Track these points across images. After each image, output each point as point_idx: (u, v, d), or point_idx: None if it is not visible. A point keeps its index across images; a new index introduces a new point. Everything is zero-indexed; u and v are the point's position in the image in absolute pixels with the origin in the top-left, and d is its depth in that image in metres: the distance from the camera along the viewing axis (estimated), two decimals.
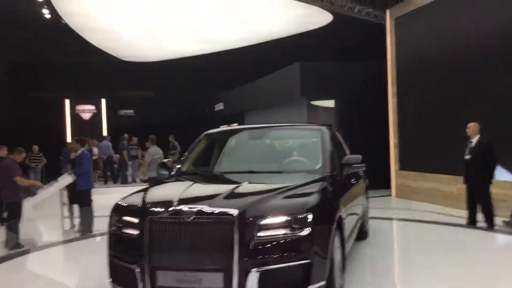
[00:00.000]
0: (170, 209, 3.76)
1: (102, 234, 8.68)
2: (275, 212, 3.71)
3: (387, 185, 12.56)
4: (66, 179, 8.41)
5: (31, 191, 10.44)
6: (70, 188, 8.99)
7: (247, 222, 3.61)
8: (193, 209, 3.69)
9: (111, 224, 4.13)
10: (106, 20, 13.49)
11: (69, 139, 19.73)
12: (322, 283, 3.74)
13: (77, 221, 9.12)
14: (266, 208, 3.74)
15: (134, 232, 3.87)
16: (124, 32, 14.45)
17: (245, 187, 4.22)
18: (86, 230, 8.74)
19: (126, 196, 4.42)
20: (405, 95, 12.18)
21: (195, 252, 3.60)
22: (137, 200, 4.14)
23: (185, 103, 24.32)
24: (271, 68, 16.34)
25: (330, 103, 14.15)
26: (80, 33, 14.93)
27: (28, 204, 8.04)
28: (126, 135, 17.62)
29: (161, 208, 3.85)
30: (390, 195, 12.46)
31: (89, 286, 5.47)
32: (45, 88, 22.12)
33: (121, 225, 4.02)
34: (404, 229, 8.48)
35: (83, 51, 21.29)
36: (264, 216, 3.65)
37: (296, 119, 14.11)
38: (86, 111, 20.87)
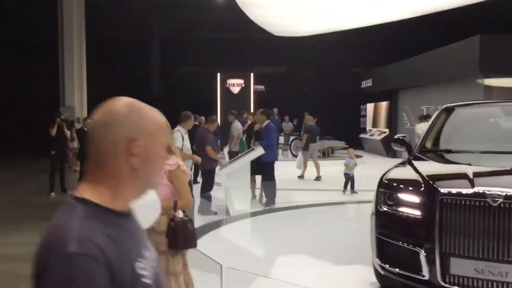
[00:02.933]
0: (470, 191, 3.34)
1: (283, 208, 8.68)
2: None
3: None
4: (257, 151, 8.44)
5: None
6: (253, 160, 9.07)
7: None
8: (501, 193, 3.23)
9: (380, 202, 3.84)
10: None
11: (219, 112, 20.26)
12: None
13: (257, 192, 9.21)
14: None
15: (415, 212, 3.54)
16: (285, 7, 14.29)
17: None
18: (269, 202, 8.80)
19: (390, 172, 4.09)
20: None
21: (503, 241, 3.16)
22: (412, 177, 3.78)
23: (325, 79, 23.73)
24: (434, 44, 15.14)
25: None
26: (242, 8, 15.12)
27: (222, 173, 8.23)
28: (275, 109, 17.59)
29: (456, 188, 3.45)
30: None
31: (283, 259, 5.70)
32: (197, 63, 23.09)
33: (394, 203, 3.71)
34: None
35: (233, 27, 21.84)
36: None
37: (468, 99, 12.83)
38: (236, 85, 21.32)
